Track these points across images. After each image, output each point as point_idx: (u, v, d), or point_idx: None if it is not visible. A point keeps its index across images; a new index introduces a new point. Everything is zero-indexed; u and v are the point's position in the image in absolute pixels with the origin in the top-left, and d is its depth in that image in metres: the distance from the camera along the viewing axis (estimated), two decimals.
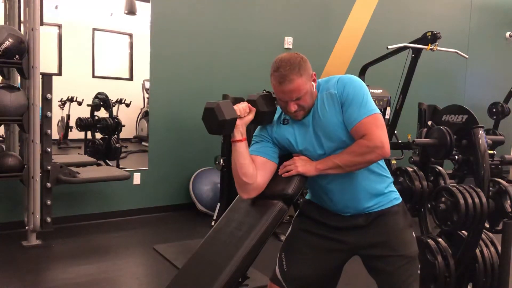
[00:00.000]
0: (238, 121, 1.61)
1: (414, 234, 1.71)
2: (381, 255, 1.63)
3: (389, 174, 1.70)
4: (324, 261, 1.69)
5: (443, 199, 2.23)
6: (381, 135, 1.51)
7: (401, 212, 1.69)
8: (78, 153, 4.63)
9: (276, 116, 1.70)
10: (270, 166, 1.65)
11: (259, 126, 1.73)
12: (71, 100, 4.35)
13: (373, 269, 1.68)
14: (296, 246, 1.73)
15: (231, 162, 1.67)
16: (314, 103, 1.60)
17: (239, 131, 1.61)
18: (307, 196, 1.80)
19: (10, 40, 3.04)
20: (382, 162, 1.67)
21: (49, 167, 3.32)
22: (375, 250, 1.64)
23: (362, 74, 4.68)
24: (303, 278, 1.69)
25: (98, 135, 4.53)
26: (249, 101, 1.66)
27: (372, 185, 1.64)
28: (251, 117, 1.64)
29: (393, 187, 1.71)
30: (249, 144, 1.69)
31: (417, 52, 4.09)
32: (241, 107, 1.62)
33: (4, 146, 3.65)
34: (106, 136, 4.49)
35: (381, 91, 4.42)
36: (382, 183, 1.66)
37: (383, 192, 1.66)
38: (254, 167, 1.62)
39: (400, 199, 1.71)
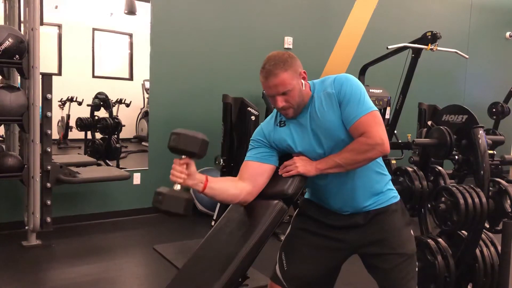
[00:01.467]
0: (187, 182, 1.51)
1: (412, 232, 1.72)
2: (380, 253, 1.64)
3: (387, 172, 1.71)
4: (323, 259, 1.69)
5: (443, 199, 2.23)
6: (381, 132, 1.52)
7: (400, 210, 1.70)
8: (78, 153, 4.63)
9: (272, 119, 1.70)
10: (267, 169, 1.65)
11: (256, 130, 1.73)
12: (71, 100, 4.35)
13: (372, 267, 1.69)
14: (295, 245, 1.73)
15: (231, 162, 1.67)
16: (309, 102, 1.61)
17: (196, 184, 1.53)
18: (306, 195, 1.81)
19: (10, 40, 3.04)
20: (380, 160, 1.67)
21: (49, 167, 3.32)
22: (374, 248, 1.65)
23: (362, 74, 4.68)
24: (303, 277, 1.70)
25: (98, 135, 4.53)
26: (171, 149, 1.52)
27: (371, 183, 1.64)
28: (192, 168, 1.53)
29: (391, 185, 1.71)
30: (247, 146, 1.70)
31: (417, 52, 4.09)
32: (177, 175, 1.50)
33: (4, 146, 3.65)
34: (106, 136, 4.49)
35: (381, 91, 4.42)
36: (380, 181, 1.67)
37: (381, 190, 1.66)
38: (235, 186, 1.61)
39: (399, 197, 1.72)
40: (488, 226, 2.36)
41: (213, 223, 3.74)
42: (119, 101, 4.54)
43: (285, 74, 1.53)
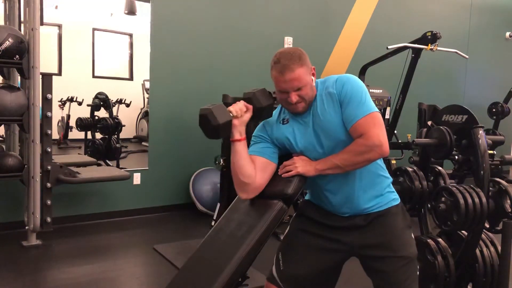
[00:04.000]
0: (236, 121, 1.62)
1: (413, 235, 1.71)
2: (380, 256, 1.63)
3: (388, 174, 1.70)
4: (321, 261, 1.68)
5: (443, 199, 2.23)
6: (380, 134, 1.51)
7: (400, 213, 1.68)
8: (78, 153, 4.63)
9: (275, 116, 1.70)
10: (270, 166, 1.65)
11: (258, 126, 1.73)
12: (71, 100, 4.35)
13: (372, 269, 1.67)
14: (293, 246, 1.73)
15: (230, 161, 1.67)
16: (313, 101, 1.61)
17: (238, 131, 1.63)
18: (306, 197, 1.80)
19: (10, 40, 3.04)
20: (381, 162, 1.67)
21: (49, 167, 3.32)
22: (374, 250, 1.63)
23: (362, 74, 4.68)
24: (299, 277, 1.69)
25: (98, 135, 4.53)
26: (245, 99, 1.68)
27: (371, 185, 1.64)
28: (248, 115, 1.66)
29: (392, 188, 1.70)
30: (248, 144, 1.69)
31: (417, 52, 4.09)
32: (238, 108, 1.64)
33: (4, 146, 3.65)
34: (106, 136, 4.50)
35: (381, 91, 4.42)
36: (381, 183, 1.66)
37: (382, 192, 1.65)
38: (253, 167, 1.62)
39: (399, 200, 1.71)
40: (488, 226, 2.36)
41: (213, 223, 3.74)
42: (119, 101, 4.54)
43: (301, 69, 1.54)
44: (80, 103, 4.37)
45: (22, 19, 3.45)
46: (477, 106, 5.62)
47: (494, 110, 5.94)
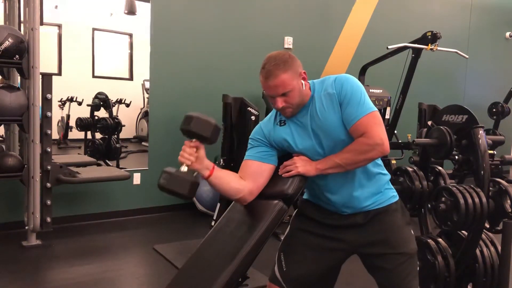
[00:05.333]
0: (195, 165, 1.53)
1: (412, 231, 1.72)
2: (380, 253, 1.64)
3: (386, 171, 1.71)
4: (323, 260, 1.69)
5: (443, 199, 2.23)
6: (380, 133, 1.53)
7: (399, 209, 1.70)
8: (78, 153, 4.63)
9: (272, 117, 1.70)
10: (267, 169, 1.65)
11: (255, 128, 1.72)
12: (71, 100, 4.36)
13: (372, 267, 1.68)
14: (294, 246, 1.73)
15: (231, 162, 1.67)
16: (309, 102, 1.61)
17: (203, 169, 1.56)
18: (305, 196, 1.80)
19: (10, 40, 3.03)
20: (378, 160, 1.67)
21: (49, 167, 3.32)
22: (374, 248, 1.64)
23: (362, 74, 4.68)
24: (303, 277, 1.69)
25: (98, 135, 4.53)
26: (185, 133, 1.52)
27: (370, 183, 1.64)
28: (201, 151, 1.55)
29: (390, 185, 1.71)
30: (248, 143, 1.69)
31: (417, 52, 4.09)
32: (187, 156, 1.52)
33: (4, 146, 3.65)
34: (106, 136, 4.50)
35: (381, 91, 4.42)
36: (380, 180, 1.67)
37: (381, 190, 1.66)
38: (238, 181, 1.62)
39: (398, 197, 1.72)
40: (488, 226, 2.36)
41: (213, 223, 3.74)
42: (119, 101, 4.54)
43: (285, 75, 1.53)
44: (80, 103, 4.37)
45: (22, 19, 3.45)
46: (477, 106, 5.61)
47: (494, 110, 5.94)
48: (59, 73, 4.23)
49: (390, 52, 4.27)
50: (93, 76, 4.48)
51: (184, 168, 1.51)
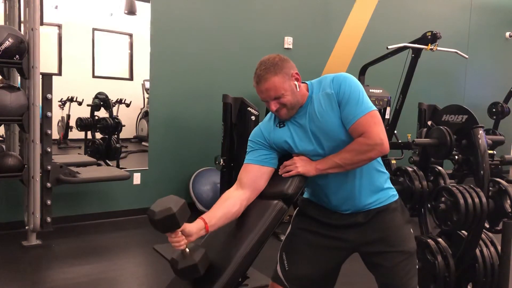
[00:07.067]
0: (190, 241, 1.47)
1: (412, 230, 1.72)
2: (380, 251, 1.64)
3: (385, 169, 1.71)
4: (325, 259, 1.69)
5: (443, 199, 2.23)
6: (380, 132, 1.53)
7: (399, 208, 1.70)
8: (78, 153, 4.63)
9: (271, 119, 1.69)
10: (267, 171, 1.64)
11: (254, 130, 1.71)
12: (71, 100, 4.35)
13: (373, 265, 1.69)
14: (296, 245, 1.73)
15: (231, 162, 1.67)
16: (307, 103, 1.60)
17: (198, 235, 1.49)
18: (305, 195, 1.80)
19: (10, 40, 3.04)
20: (378, 158, 1.67)
21: (49, 167, 3.32)
22: (375, 246, 1.65)
23: (362, 74, 4.68)
24: (305, 277, 1.70)
25: (98, 135, 4.53)
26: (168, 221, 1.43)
27: (371, 181, 1.65)
28: (186, 228, 1.47)
29: (390, 183, 1.72)
30: (248, 146, 1.69)
31: (417, 52, 4.09)
32: (177, 244, 1.46)
33: (4, 146, 3.65)
34: (106, 136, 4.49)
35: (381, 91, 4.42)
36: (379, 179, 1.67)
37: (381, 188, 1.67)
38: (232, 204, 1.57)
39: (398, 196, 1.73)
40: (488, 226, 2.36)
41: None
42: (119, 101, 4.54)
43: (276, 78, 1.53)
44: (80, 103, 4.37)
45: (22, 19, 3.45)
46: (477, 106, 5.62)
47: (494, 110, 5.94)
48: (59, 73, 4.23)
49: (390, 52, 4.27)
50: (93, 76, 4.48)
51: (186, 250, 1.49)
